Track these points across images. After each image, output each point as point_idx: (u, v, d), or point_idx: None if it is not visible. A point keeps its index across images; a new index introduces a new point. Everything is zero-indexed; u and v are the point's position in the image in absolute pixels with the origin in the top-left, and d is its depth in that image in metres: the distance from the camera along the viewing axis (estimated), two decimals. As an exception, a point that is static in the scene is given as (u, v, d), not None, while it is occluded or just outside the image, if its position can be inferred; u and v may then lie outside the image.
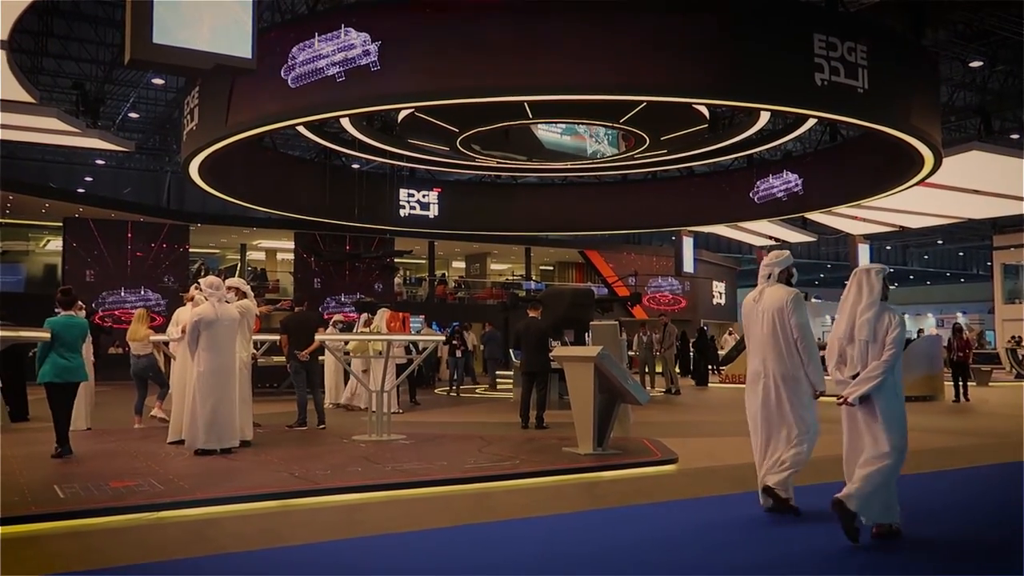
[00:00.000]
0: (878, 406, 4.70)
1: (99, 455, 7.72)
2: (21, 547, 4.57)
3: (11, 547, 4.53)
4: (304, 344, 10.26)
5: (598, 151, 20.88)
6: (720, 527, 5.25)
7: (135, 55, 7.02)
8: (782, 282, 5.58)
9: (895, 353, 4.70)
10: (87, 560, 4.37)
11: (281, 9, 19.50)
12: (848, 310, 4.91)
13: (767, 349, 5.39)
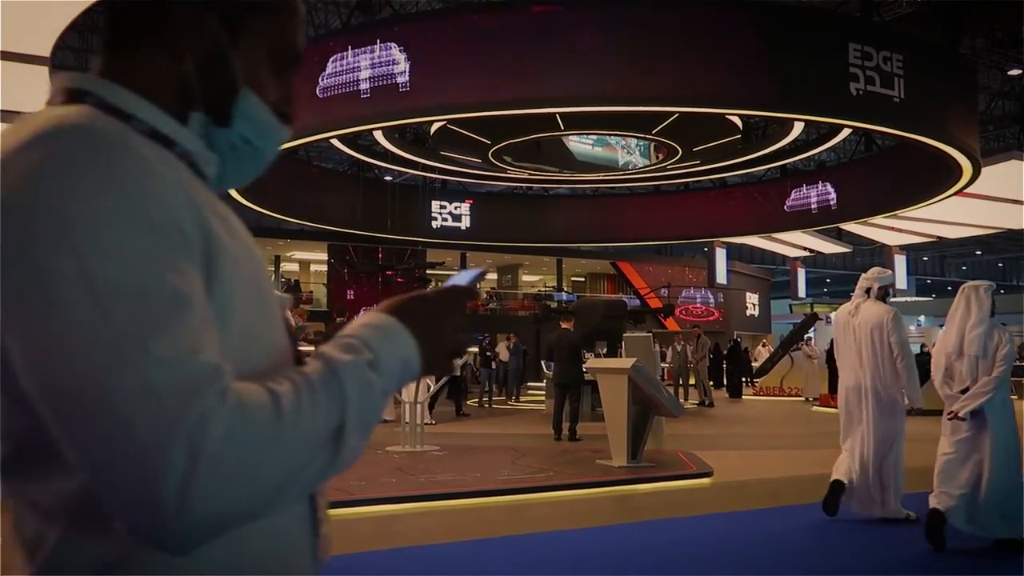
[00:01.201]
0: (989, 420, 4.72)
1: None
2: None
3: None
4: None
5: (630, 162, 20.85)
6: (756, 542, 5.19)
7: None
8: (879, 299, 5.62)
9: (1006, 369, 4.77)
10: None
11: (315, 23, 19.76)
12: (957, 325, 4.93)
13: (862, 363, 5.44)
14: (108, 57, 0.86)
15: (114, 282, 0.67)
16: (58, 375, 0.67)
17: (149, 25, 0.84)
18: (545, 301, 26.73)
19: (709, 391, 17.02)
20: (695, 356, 17.00)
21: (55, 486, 0.74)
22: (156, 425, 0.65)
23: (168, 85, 0.84)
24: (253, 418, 0.69)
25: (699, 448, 8.98)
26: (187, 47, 0.84)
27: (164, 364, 0.67)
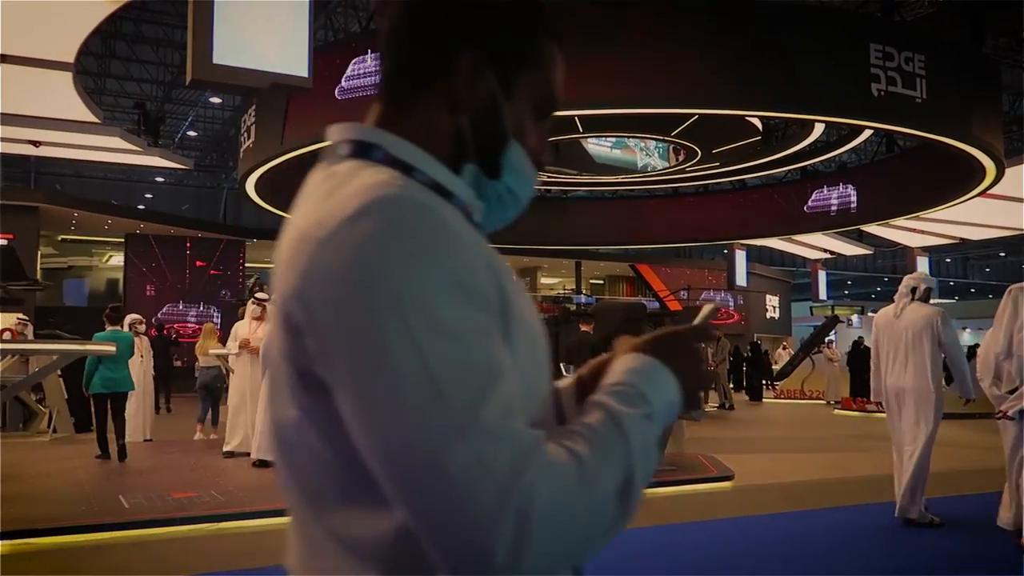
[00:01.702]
0: None
1: (160, 467, 7.89)
2: (88, 556, 4.69)
3: (79, 556, 4.66)
4: None
5: (648, 164, 20.82)
6: (778, 546, 5.16)
7: (196, 75, 7.19)
8: (922, 300, 5.64)
9: None
10: (152, 569, 4.47)
11: (334, 27, 19.87)
12: (1005, 326, 4.94)
13: (907, 364, 5.45)
14: (385, 109, 0.91)
15: (444, 356, 0.71)
16: (392, 442, 0.71)
17: (429, 80, 0.87)
18: (564, 304, 26.70)
19: (729, 394, 16.95)
20: (715, 359, 16.90)
21: (373, 525, 0.77)
22: (489, 495, 0.69)
23: (444, 138, 0.88)
24: (566, 482, 0.73)
25: (720, 451, 8.94)
26: (465, 101, 0.87)
27: (493, 435, 0.71)
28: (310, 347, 0.74)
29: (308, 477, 0.81)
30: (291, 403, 0.79)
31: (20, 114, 15.77)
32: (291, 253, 0.78)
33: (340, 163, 0.86)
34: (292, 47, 7.48)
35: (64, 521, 5.17)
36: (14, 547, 4.72)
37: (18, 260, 13.38)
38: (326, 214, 0.76)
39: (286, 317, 0.76)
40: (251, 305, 9.01)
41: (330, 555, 0.79)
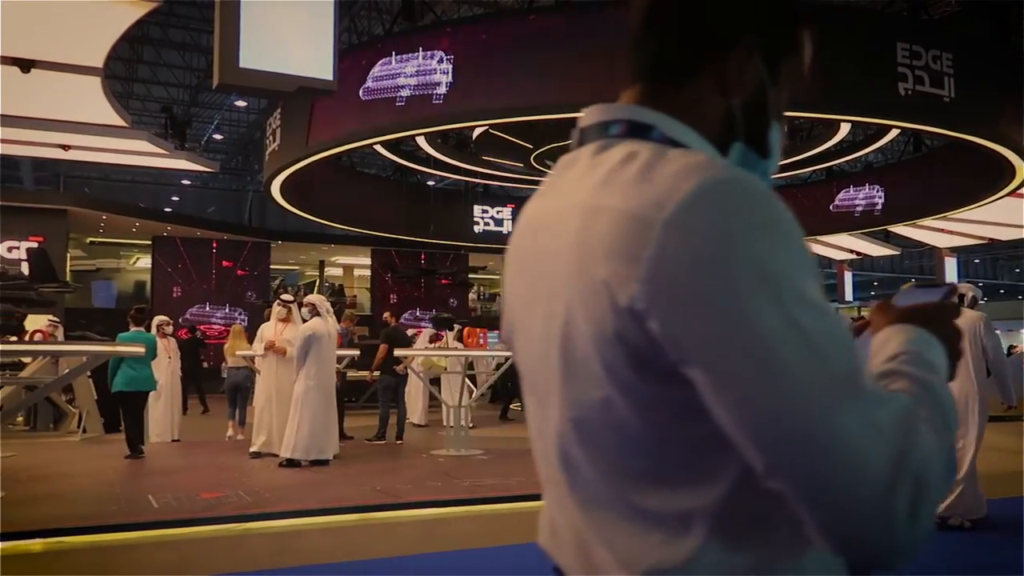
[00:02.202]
0: None
1: (188, 467, 7.97)
2: (119, 555, 4.75)
3: (109, 554, 4.72)
4: (397, 358, 10.40)
5: (672, 165, 20.74)
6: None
7: (223, 79, 7.26)
8: (969, 306, 5.69)
9: None
10: (181, 568, 4.52)
11: (358, 31, 19.99)
12: None
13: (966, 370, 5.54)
14: (652, 90, 0.94)
15: (818, 327, 0.73)
16: (781, 415, 0.72)
17: (704, 62, 0.90)
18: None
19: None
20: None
21: (701, 495, 0.79)
22: (886, 459, 0.71)
23: (713, 119, 0.90)
24: (932, 442, 0.75)
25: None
26: (738, 84, 0.89)
27: (878, 399, 0.73)
28: (654, 329, 0.75)
29: (614, 456, 0.83)
30: (603, 384, 0.80)
31: (50, 118, 16.00)
32: (615, 237, 0.77)
33: (616, 144, 0.87)
34: (317, 51, 7.54)
35: (95, 520, 5.24)
36: (47, 545, 4.79)
37: (50, 262, 13.58)
38: (659, 196, 0.76)
39: (618, 302, 0.76)
40: (276, 307, 9.08)
41: (638, 532, 0.81)
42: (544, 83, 12.74)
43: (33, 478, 7.02)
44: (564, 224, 0.84)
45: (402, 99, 13.43)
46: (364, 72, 13.68)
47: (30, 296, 12.17)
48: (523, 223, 0.97)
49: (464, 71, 13.00)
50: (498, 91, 12.99)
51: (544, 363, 0.88)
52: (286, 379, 8.59)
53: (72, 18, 11.38)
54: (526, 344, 0.94)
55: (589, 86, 12.70)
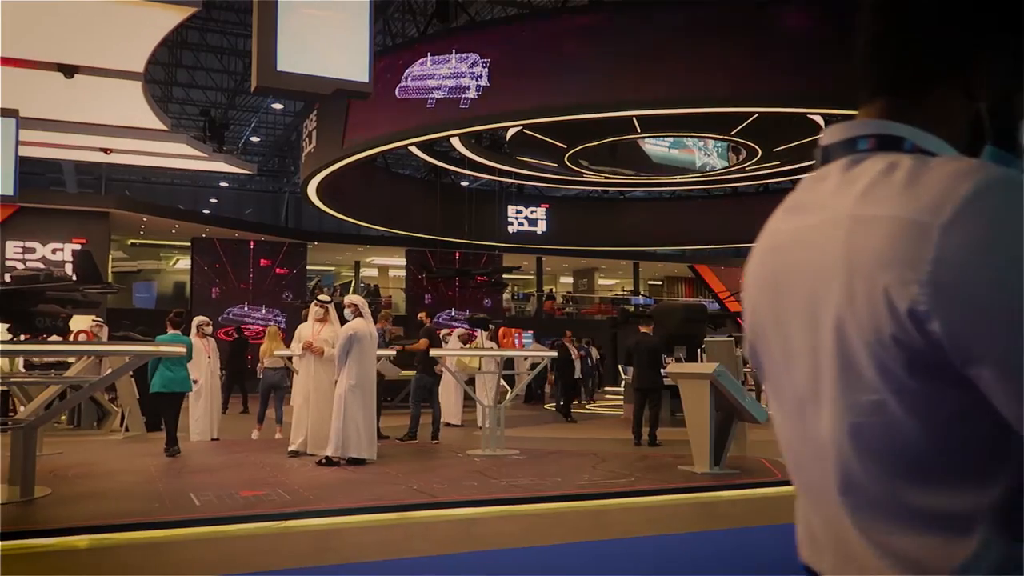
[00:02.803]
0: None
1: (228, 465, 8.07)
2: (163, 551, 4.82)
3: (153, 551, 4.79)
4: (433, 358, 10.45)
5: (707, 164, 20.59)
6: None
7: (261, 82, 7.34)
8: None
9: None
10: (223, 565, 4.58)
11: (392, 33, 20.10)
12: None
13: None
14: (897, 101, 0.94)
15: None
16: None
17: (946, 70, 0.91)
18: (622, 305, 26.56)
19: (792, 396, 16.64)
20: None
21: (983, 494, 0.81)
22: None
23: (959, 124, 0.91)
24: None
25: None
26: (984, 87, 0.90)
27: None
28: (936, 331, 0.76)
29: (891, 459, 0.84)
30: (879, 388, 0.82)
31: (92, 123, 16.32)
32: (891, 244, 0.79)
33: (868, 157, 0.89)
34: (353, 53, 7.59)
35: (139, 517, 5.32)
36: (92, 542, 4.88)
37: (94, 264, 13.83)
38: (934, 201, 0.78)
39: (896, 307, 0.78)
40: (314, 307, 9.16)
41: (915, 534, 0.83)
42: (579, 83, 12.71)
43: (78, 475, 7.16)
44: (826, 237, 0.86)
45: (436, 100, 13.50)
46: (399, 74, 13.77)
47: (75, 297, 12.41)
48: (769, 242, 1.00)
49: (498, 72, 13.02)
50: (532, 91, 13.00)
51: (811, 373, 0.90)
52: (324, 379, 8.67)
53: (114, 24, 11.59)
54: (779, 357, 0.96)
55: (624, 85, 12.67)
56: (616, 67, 12.53)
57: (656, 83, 12.52)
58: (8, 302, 11.52)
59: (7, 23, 11.30)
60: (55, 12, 11.00)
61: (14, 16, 11.07)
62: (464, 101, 13.26)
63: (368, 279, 31.73)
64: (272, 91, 9.76)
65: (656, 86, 12.55)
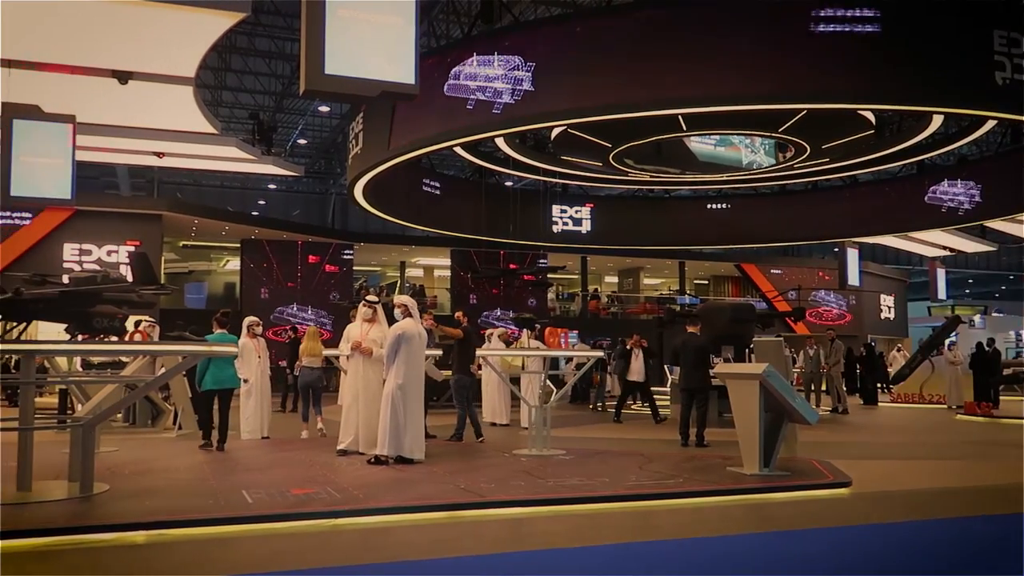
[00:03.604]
0: None
1: (279, 464, 8.19)
2: (216, 548, 4.91)
3: (208, 547, 4.88)
4: (473, 357, 10.49)
5: (754, 161, 20.34)
6: (900, 556, 4.97)
7: (309, 86, 7.42)
8: None
9: None
10: (275, 562, 4.64)
11: (436, 34, 20.19)
12: None
13: None
14: None
15: None
16: None
17: None
18: (668, 305, 26.37)
19: (843, 397, 16.37)
20: (828, 361, 16.38)
21: None
22: None
23: None
24: None
25: (834, 457, 8.65)
26: None
27: None
28: None
29: None
30: None
31: (146, 127, 16.67)
32: None
33: None
34: (399, 56, 7.63)
35: (194, 514, 5.43)
36: (149, 537, 4.99)
37: (150, 265, 14.17)
38: None
39: None
40: (362, 307, 9.24)
41: None
42: (624, 81, 12.65)
43: (134, 472, 7.32)
44: None
45: (480, 101, 13.53)
46: (445, 75, 13.83)
47: (131, 298, 12.72)
48: None
49: (543, 71, 13.01)
50: (576, 90, 12.96)
51: None
52: (372, 379, 8.75)
53: (166, 31, 11.81)
54: None
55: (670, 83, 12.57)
56: (662, 64, 12.44)
57: (702, 80, 12.40)
58: (67, 303, 11.84)
59: (65, 31, 11.60)
60: (110, 20, 11.26)
61: (71, 24, 11.36)
62: (509, 101, 13.27)
63: (413, 279, 31.93)
64: (320, 94, 9.86)
65: (702, 84, 12.43)
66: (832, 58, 11.91)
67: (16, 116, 11.81)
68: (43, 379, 10.25)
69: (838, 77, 12.08)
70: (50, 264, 20.27)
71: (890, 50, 11.88)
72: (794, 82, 12.20)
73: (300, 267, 26.65)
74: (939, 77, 11.92)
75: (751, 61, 12.14)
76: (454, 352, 10.78)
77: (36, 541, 4.84)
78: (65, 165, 12.07)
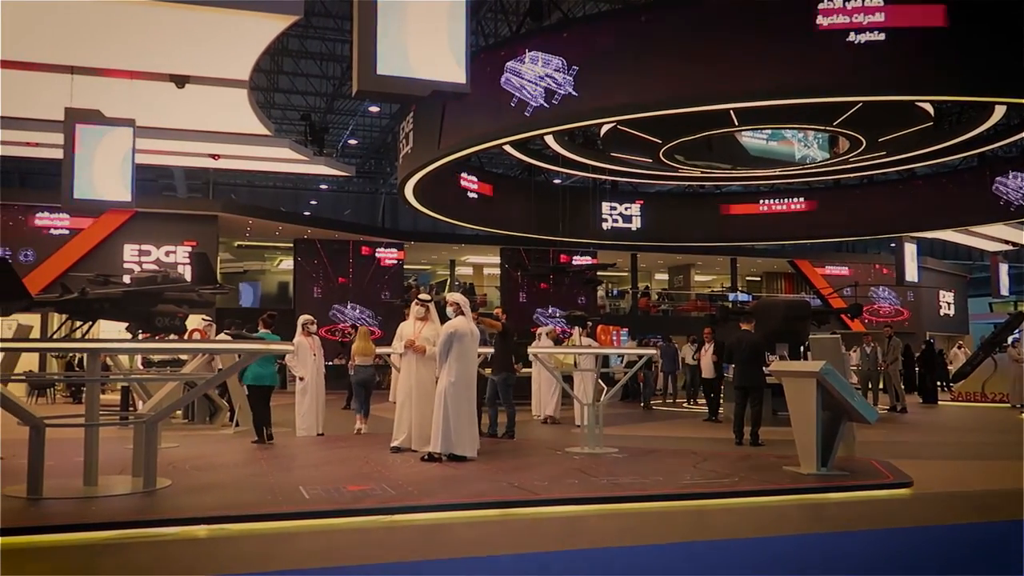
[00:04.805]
0: None
1: (334, 460, 8.29)
2: (276, 542, 5.00)
3: (268, 542, 4.97)
4: (512, 355, 10.51)
5: (807, 156, 20.01)
6: (964, 558, 4.85)
7: (362, 87, 7.50)
8: None
9: None
10: (333, 558, 4.71)
11: (484, 33, 20.24)
12: None
13: None
14: None
15: None
16: None
17: None
18: (720, 302, 26.07)
19: (902, 396, 16.01)
20: (886, 359, 16.04)
21: None
22: None
23: None
24: None
25: (894, 456, 8.47)
26: None
27: None
28: None
29: None
30: None
31: (202, 130, 17.03)
32: None
33: None
34: (450, 55, 7.67)
35: (253, 509, 5.53)
36: (211, 532, 5.10)
37: (210, 266, 14.49)
38: None
39: None
40: (415, 306, 9.31)
41: None
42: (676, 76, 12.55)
43: (195, 468, 7.48)
44: None
45: (531, 98, 13.53)
46: (494, 73, 13.86)
47: (192, 297, 13.00)
48: None
49: (593, 68, 12.96)
50: (627, 86, 12.89)
51: None
52: (425, 377, 8.82)
53: (221, 35, 12.06)
54: None
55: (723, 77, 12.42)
56: (716, 59, 12.30)
57: (753, 73, 12.24)
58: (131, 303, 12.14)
59: (126, 37, 11.89)
60: (168, 25, 11.52)
61: (131, 30, 11.65)
62: (558, 98, 13.25)
63: (463, 277, 32.07)
64: (372, 95, 9.96)
65: (753, 77, 12.26)
66: (889, 49, 11.65)
67: (79, 121, 12.16)
68: (107, 377, 10.52)
69: (893, 68, 11.81)
70: (111, 264, 20.81)
71: (948, 39, 11.59)
72: (850, 74, 11.97)
73: (351, 266, 26.96)
74: (1000, 66, 11.58)
75: (803, 52, 11.94)
76: (494, 350, 10.78)
77: (104, 534, 4.97)
78: (125, 168, 12.40)
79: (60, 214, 22.07)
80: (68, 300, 12.08)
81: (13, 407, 6.14)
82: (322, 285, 26.61)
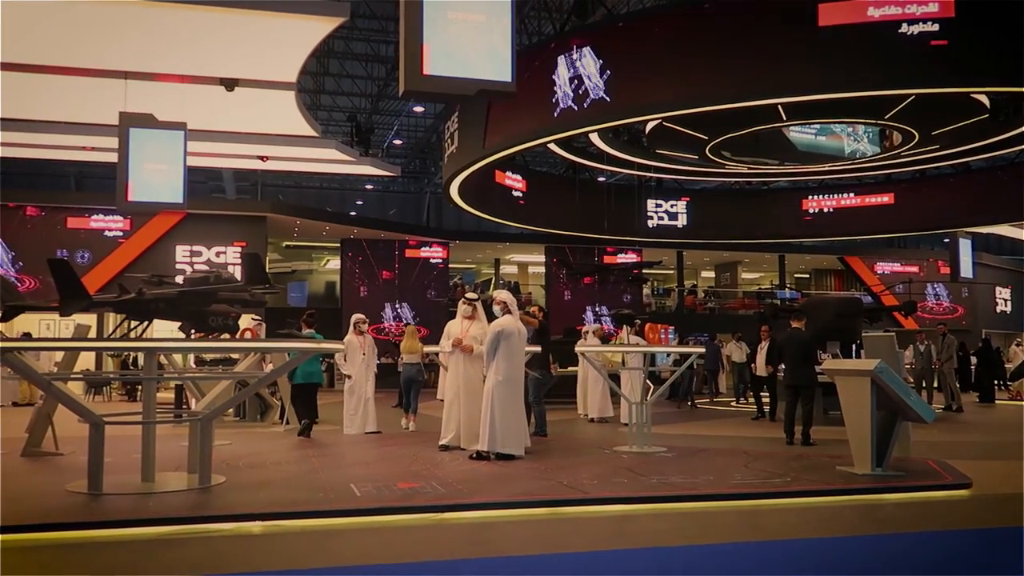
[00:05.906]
0: None
1: (384, 458, 8.36)
2: (329, 539, 5.05)
3: (320, 539, 5.03)
4: (556, 354, 10.49)
5: (857, 150, 19.65)
6: (1032, 562, 4.72)
7: (409, 87, 7.54)
8: None
9: None
10: (385, 555, 4.75)
11: (528, 31, 20.23)
12: None
13: None
14: None
15: None
16: None
17: None
18: (769, 299, 25.74)
19: (957, 395, 15.65)
20: (940, 357, 15.69)
21: None
22: None
23: None
24: None
25: (951, 456, 8.28)
26: None
27: None
28: None
29: None
30: None
31: (250, 132, 17.29)
32: None
33: None
34: (496, 54, 7.67)
35: (306, 506, 5.60)
36: (265, 528, 5.17)
37: (262, 266, 14.72)
38: None
39: None
40: (462, 305, 9.35)
41: None
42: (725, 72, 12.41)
43: (248, 465, 7.60)
44: None
45: (578, 96, 13.49)
46: (540, 72, 13.84)
47: (244, 297, 13.23)
48: None
49: (640, 64, 12.87)
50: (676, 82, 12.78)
51: None
52: (473, 375, 8.84)
53: (269, 38, 12.22)
54: None
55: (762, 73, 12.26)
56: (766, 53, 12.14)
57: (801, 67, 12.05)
58: (185, 302, 12.38)
59: (176, 42, 12.12)
60: (217, 29, 11.72)
61: (182, 35, 11.87)
62: (604, 95, 13.19)
63: (508, 276, 32.12)
64: (419, 95, 10.06)
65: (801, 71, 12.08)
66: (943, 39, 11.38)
67: (132, 125, 12.42)
68: (162, 375, 10.74)
69: (945, 59, 11.54)
70: (164, 266, 21.25)
71: (1002, 28, 11.29)
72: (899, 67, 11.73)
73: (397, 265, 27.16)
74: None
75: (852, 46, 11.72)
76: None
77: (161, 530, 5.08)
78: (177, 170, 12.62)
79: (115, 216, 22.59)
80: (126, 300, 12.37)
81: (75, 405, 6.29)
82: (368, 284, 26.85)
